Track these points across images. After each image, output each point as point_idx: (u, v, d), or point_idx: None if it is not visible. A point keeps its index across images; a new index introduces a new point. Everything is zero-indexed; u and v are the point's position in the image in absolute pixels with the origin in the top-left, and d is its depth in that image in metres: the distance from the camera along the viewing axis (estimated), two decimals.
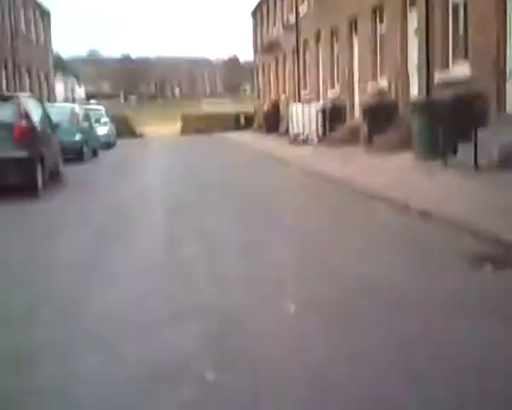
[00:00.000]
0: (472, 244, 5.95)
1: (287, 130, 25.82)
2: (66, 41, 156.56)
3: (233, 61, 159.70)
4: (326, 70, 23.87)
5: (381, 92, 17.42)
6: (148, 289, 5.18)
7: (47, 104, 17.09)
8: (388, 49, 17.45)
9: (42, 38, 36.54)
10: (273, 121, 31.52)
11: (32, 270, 6.02)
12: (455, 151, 11.55)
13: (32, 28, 34.26)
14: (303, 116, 22.29)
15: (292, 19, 29.05)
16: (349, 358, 3.55)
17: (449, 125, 11.78)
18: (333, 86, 23.06)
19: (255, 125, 37.75)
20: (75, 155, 18.13)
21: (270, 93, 36.61)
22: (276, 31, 33.57)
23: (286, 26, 30.42)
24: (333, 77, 23.22)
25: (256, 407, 3.09)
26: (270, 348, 3.79)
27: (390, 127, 15.97)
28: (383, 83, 17.43)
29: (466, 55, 13.26)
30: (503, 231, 5.96)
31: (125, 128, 37.01)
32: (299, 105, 23.09)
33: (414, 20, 15.81)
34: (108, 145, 25.38)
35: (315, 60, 25.50)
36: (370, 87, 18.34)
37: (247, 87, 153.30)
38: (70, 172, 14.91)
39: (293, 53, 29.29)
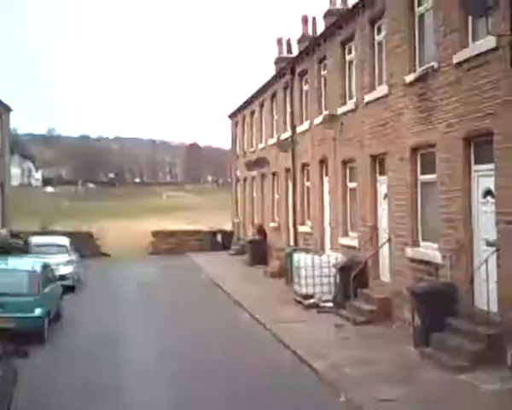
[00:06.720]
0: None
1: (290, 278, 20.70)
2: (25, 118, 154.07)
3: (194, 148, 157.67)
4: (335, 209, 20.11)
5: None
6: None
7: None
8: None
9: None
10: (259, 251, 28.05)
11: None
12: None
13: None
14: (313, 271, 18.37)
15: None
16: None
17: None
18: (346, 234, 19.21)
19: (234, 247, 33.75)
20: (33, 335, 13.56)
21: (253, 214, 32.70)
22: (263, 146, 29.95)
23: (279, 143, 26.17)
24: (345, 220, 19.38)
25: None
26: None
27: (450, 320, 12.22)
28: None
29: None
30: None
31: (89, 246, 32.66)
32: (309, 256, 18.97)
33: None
34: (72, 289, 20.97)
35: (319, 191, 21.87)
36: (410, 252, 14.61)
37: (209, 177, 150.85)
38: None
39: (287, 175, 25.85)
